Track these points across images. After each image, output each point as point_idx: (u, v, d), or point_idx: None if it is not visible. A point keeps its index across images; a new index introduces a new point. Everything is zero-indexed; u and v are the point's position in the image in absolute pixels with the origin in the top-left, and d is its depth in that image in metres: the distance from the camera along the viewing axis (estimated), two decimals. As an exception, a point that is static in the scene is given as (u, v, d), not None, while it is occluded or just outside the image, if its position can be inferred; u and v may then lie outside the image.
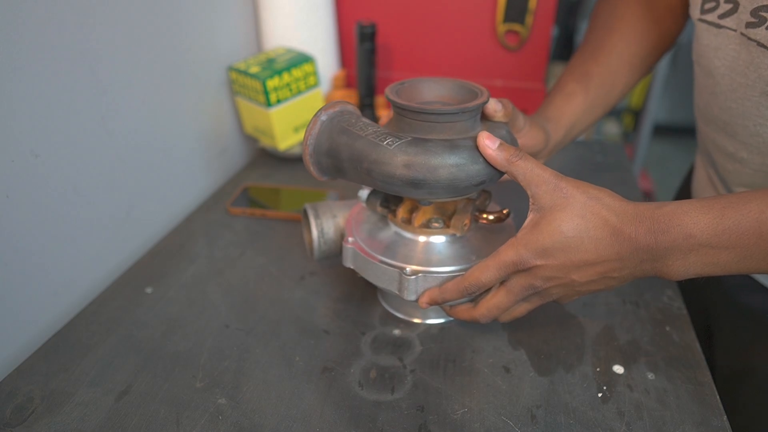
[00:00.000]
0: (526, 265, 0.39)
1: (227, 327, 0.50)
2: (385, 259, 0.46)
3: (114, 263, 0.59)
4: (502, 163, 0.40)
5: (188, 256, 0.60)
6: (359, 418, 0.41)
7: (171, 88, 0.65)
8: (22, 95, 0.46)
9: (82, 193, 0.53)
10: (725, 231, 0.35)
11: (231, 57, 0.78)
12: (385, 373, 0.45)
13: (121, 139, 0.58)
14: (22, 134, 0.46)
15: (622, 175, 0.79)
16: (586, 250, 0.38)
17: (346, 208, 0.53)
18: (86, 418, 0.41)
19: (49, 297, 0.51)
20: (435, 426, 0.40)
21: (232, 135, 0.82)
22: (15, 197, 0.46)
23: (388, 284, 0.46)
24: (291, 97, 0.76)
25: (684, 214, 0.36)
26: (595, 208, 0.38)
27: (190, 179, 0.72)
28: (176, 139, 0.68)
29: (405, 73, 0.96)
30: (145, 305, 0.53)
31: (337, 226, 0.51)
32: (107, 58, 0.54)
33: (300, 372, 0.45)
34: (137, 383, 0.44)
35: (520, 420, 0.41)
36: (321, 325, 0.50)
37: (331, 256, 0.53)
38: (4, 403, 0.42)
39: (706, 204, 0.36)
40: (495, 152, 0.40)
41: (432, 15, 0.90)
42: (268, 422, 0.41)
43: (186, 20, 0.67)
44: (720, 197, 0.37)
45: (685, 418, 0.41)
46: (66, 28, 0.49)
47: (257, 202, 0.71)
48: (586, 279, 0.39)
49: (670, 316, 0.51)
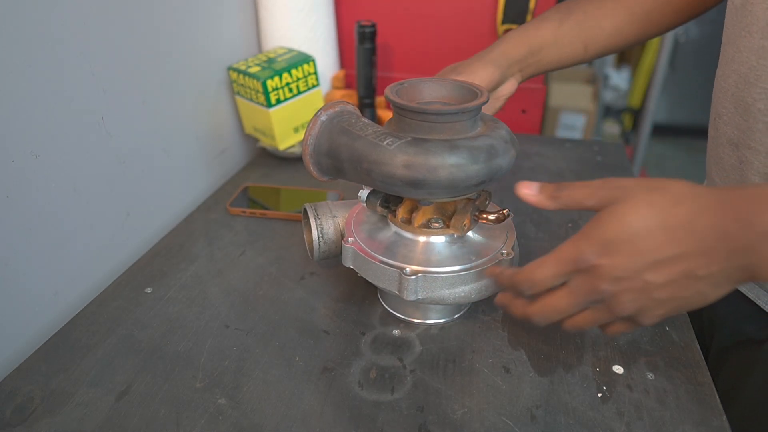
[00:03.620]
0: (587, 263, 0.33)
1: (227, 327, 0.50)
2: (385, 260, 0.46)
3: (114, 263, 0.59)
4: (549, 203, 0.37)
5: (188, 256, 0.60)
6: (359, 418, 0.41)
7: (171, 88, 0.65)
8: (22, 95, 0.46)
9: (82, 193, 0.53)
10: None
11: (231, 57, 0.78)
12: (385, 373, 0.45)
13: (121, 139, 0.58)
14: (22, 134, 0.46)
15: (622, 175, 0.79)
16: (658, 242, 0.32)
17: (346, 208, 0.53)
18: (86, 418, 0.41)
19: (49, 297, 0.51)
20: (435, 426, 0.40)
21: (232, 135, 0.82)
22: (15, 197, 0.46)
23: (388, 284, 0.46)
24: (291, 97, 0.76)
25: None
26: (664, 195, 0.32)
27: (190, 179, 0.72)
28: (176, 139, 0.68)
29: (405, 73, 0.96)
30: (145, 305, 0.53)
31: (337, 227, 0.51)
32: (107, 58, 0.54)
33: (300, 372, 0.45)
34: (137, 383, 0.44)
35: (520, 420, 0.41)
36: (321, 325, 0.50)
37: (331, 257, 0.53)
38: (4, 403, 0.42)
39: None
40: (538, 198, 0.37)
41: (432, 15, 0.90)
42: (268, 422, 0.41)
43: (186, 20, 0.67)
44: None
45: (684, 418, 0.41)
46: (66, 27, 0.49)
47: (257, 202, 0.71)
48: (664, 280, 0.32)
49: (670, 316, 0.51)
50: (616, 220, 0.33)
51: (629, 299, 0.34)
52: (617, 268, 0.33)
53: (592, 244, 0.33)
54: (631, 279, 0.33)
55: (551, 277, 0.35)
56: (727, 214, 0.31)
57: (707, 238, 0.31)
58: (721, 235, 0.31)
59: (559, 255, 0.35)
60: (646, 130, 1.97)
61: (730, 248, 0.31)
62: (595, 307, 0.36)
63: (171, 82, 0.65)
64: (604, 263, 0.33)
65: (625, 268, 0.33)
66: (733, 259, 0.31)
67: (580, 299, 0.35)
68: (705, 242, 0.31)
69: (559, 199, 0.36)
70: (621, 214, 0.33)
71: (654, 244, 0.32)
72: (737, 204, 0.31)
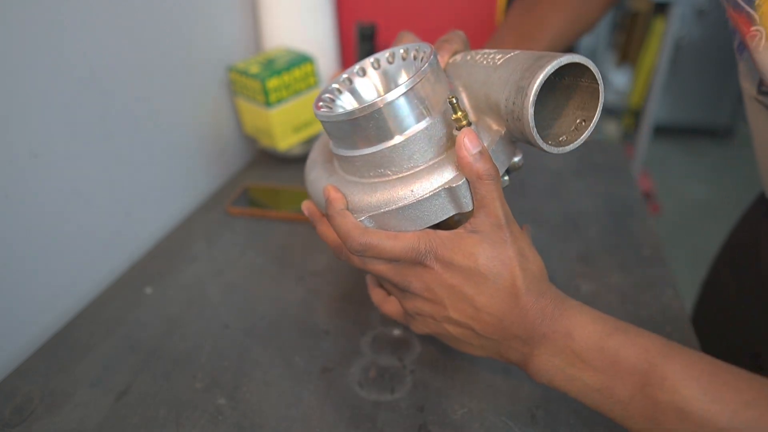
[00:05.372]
0: (423, 260, 0.35)
1: (227, 327, 0.50)
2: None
3: (114, 263, 0.59)
4: (470, 174, 0.33)
5: (188, 256, 0.60)
6: (359, 418, 0.41)
7: (171, 88, 0.65)
8: (22, 95, 0.46)
9: (82, 193, 0.53)
10: (602, 350, 0.32)
11: (231, 57, 0.78)
12: (384, 373, 0.45)
13: (121, 139, 0.58)
14: (22, 134, 0.46)
15: (622, 175, 0.79)
16: (481, 290, 0.35)
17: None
18: (86, 419, 0.41)
19: (48, 297, 0.51)
20: (435, 426, 0.40)
21: (232, 135, 0.82)
22: (15, 197, 0.46)
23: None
24: (291, 97, 0.76)
25: (579, 314, 0.34)
26: (518, 265, 0.34)
27: (190, 179, 0.72)
28: (176, 139, 0.68)
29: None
30: (145, 305, 0.53)
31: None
32: (107, 58, 0.54)
33: (300, 372, 0.45)
34: (137, 383, 0.44)
35: (520, 420, 0.41)
36: (321, 325, 0.50)
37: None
38: (3, 403, 0.42)
39: (603, 318, 0.34)
40: (472, 159, 0.33)
41: (432, 15, 0.90)
42: (268, 422, 0.41)
43: (186, 20, 0.67)
44: (620, 321, 0.34)
45: (685, 418, 0.41)
46: (66, 27, 0.49)
47: (257, 202, 0.71)
48: (456, 317, 0.36)
49: (670, 316, 0.51)
50: (471, 253, 0.34)
51: (422, 307, 0.37)
52: (440, 282, 0.35)
53: (439, 253, 0.35)
54: (439, 297, 0.36)
55: (387, 251, 0.35)
56: (538, 305, 0.34)
57: (511, 315, 0.35)
58: (521, 319, 0.34)
59: (410, 239, 0.35)
60: (647, 130, 1.97)
61: (517, 333, 0.35)
62: (401, 296, 0.39)
63: (171, 82, 0.65)
64: (436, 270, 0.35)
65: (444, 287, 0.35)
66: (513, 342, 0.35)
67: (395, 280, 0.37)
68: (507, 316, 0.35)
69: (480, 184, 0.33)
70: (479, 251, 0.34)
71: (478, 289, 0.35)
72: (551, 304, 0.34)
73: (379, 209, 0.35)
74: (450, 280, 0.35)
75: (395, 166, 0.35)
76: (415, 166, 0.35)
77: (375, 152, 0.35)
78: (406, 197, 0.34)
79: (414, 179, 0.34)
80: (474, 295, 0.35)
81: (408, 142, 0.34)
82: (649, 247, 0.61)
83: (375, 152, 0.35)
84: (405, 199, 0.34)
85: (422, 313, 0.38)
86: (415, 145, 0.34)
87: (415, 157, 0.35)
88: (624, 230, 0.64)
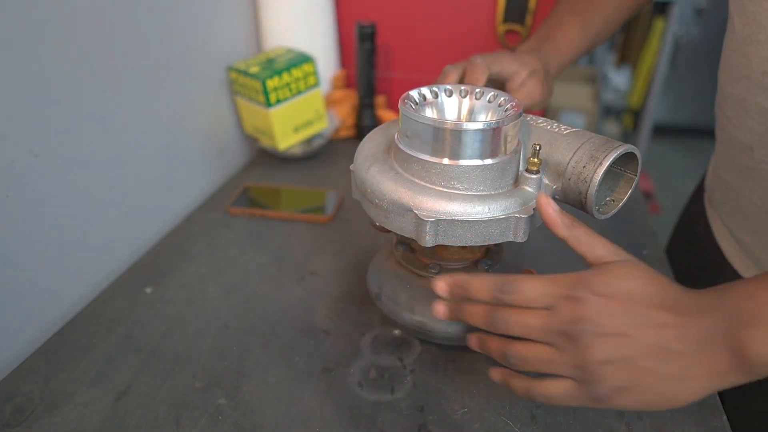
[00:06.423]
0: (580, 291, 0.31)
1: (227, 327, 0.50)
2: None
3: (114, 263, 0.59)
4: (561, 229, 0.35)
5: (188, 256, 0.60)
6: (359, 418, 0.41)
7: (171, 88, 0.65)
8: (22, 95, 0.46)
9: (81, 193, 0.53)
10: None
11: (231, 57, 0.78)
12: (384, 373, 0.45)
13: (120, 139, 0.58)
14: (22, 134, 0.46)
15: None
16: (651, 295, 0.31)
17: None
18: (86, 418, 0.41)
19: (49, 297, 0.51)
20: (435, 426, 0.40)
21: (232, 135, 0.82)
22: (15, 197, 0.46)
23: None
24: (291, 97, 0.76)
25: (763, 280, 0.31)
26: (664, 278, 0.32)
27: (190, 179, 0.72)
28: (176, 139, 0.68)
29: (405, 73, 0.96)
30: (145, 305, 0.53)
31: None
32: (107, 58, 0.54)
33: (300, 372, 0.45)
34: (137, 383, 0.44)
35: (520, 420, 0.41)
36: (321, 325, 0.50)
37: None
38: (3, 403, 0.42)
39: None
40: (556, 216, 0.34)
41: (432, 15, 0.90)
42: (267, 422, 0.41)
43: (186, 20, 0.67)
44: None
45: (685, 418, 0.41)
46: (66, 28, 0.49)
47: (257, 202, 0.71)
48: (649, 341, 0.30)
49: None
50: (624, 273, 0.32)
51: (604, 351, 0.30)
52: (609, 307, 0.30)
53: (592, 281, 0.31)
54: (616, 327, 0.30)
55: (538, 294, 0.32)
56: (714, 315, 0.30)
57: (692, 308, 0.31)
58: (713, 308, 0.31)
59: (557, 276, 0.32)
60: (647, 130, 1.97)
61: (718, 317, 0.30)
62: (556, 347, 0.31)
63: (171, 82, 0.65)
64: (598, 300, 0.31)
65: (617, 310, 0.30)
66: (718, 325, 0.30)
67: (554, 324, 0.31)
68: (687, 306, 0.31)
69: (572, 230, 0.35)
70: (629, 269, 0.32)
71: (648, 296, 0.31)
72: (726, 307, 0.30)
73: (453, 217, 0.38)
74: (617, 303, 0.31)
75: (468, 183, 0.39)
76: (485, 190, 0.39)
77: (458, 166, 0.38)
78: (481, 213, 0.38)
79: (490, 200, 0.38)
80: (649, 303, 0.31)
81: (490, 167, 0.39)
82: (649, 247, 0.61)
83: (458, 166, 0.38)
84: (480, 215, 0.38)
85: (611, 357, 0.30)
86: (494, 172, 0.39)
87: (487, 183, 0.39)
88: (624, 230, 0.64)
